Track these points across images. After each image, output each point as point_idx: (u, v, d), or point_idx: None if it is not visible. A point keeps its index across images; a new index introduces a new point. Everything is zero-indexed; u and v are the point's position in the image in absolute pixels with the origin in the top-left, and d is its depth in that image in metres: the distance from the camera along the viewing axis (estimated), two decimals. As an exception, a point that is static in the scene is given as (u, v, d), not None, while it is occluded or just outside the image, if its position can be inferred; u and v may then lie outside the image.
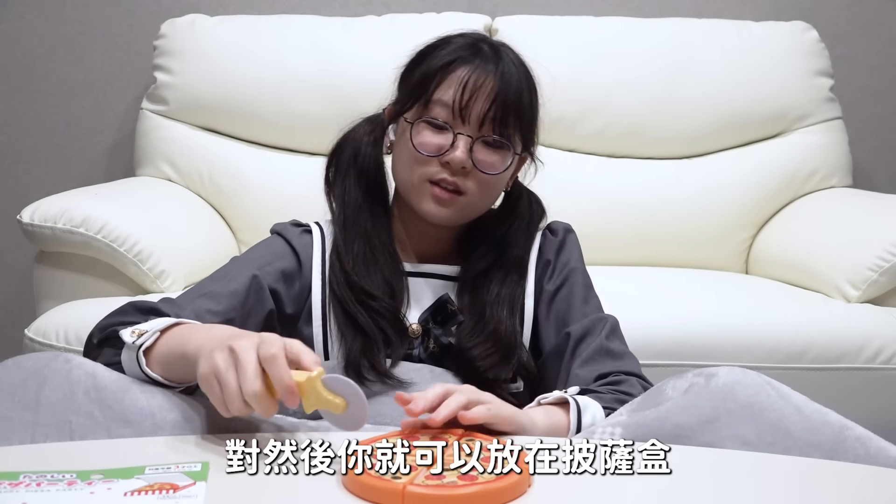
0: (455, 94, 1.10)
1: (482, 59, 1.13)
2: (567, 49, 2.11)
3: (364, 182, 1.21)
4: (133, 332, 0.92)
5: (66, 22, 2.28)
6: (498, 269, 1.19)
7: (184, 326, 0.93)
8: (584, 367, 1.10)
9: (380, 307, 1.13)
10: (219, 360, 0.80)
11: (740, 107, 2.09)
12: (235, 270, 1.14)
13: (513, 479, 0.74)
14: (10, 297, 2.36)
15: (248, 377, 0.79)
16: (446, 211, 1.14)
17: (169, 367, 0.90)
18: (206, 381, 0.81)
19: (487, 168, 1.12)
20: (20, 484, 0.72)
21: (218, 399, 0.81)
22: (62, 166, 2.33)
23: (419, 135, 1.12)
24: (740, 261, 2.07)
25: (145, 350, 0.90)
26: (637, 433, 0.88)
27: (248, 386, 0.78)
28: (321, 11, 2.23)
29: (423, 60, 1.16)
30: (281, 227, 1.22)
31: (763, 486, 0.78)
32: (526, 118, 1.15)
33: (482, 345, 1.13)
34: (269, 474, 0.77)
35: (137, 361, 0.90)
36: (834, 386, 1.54)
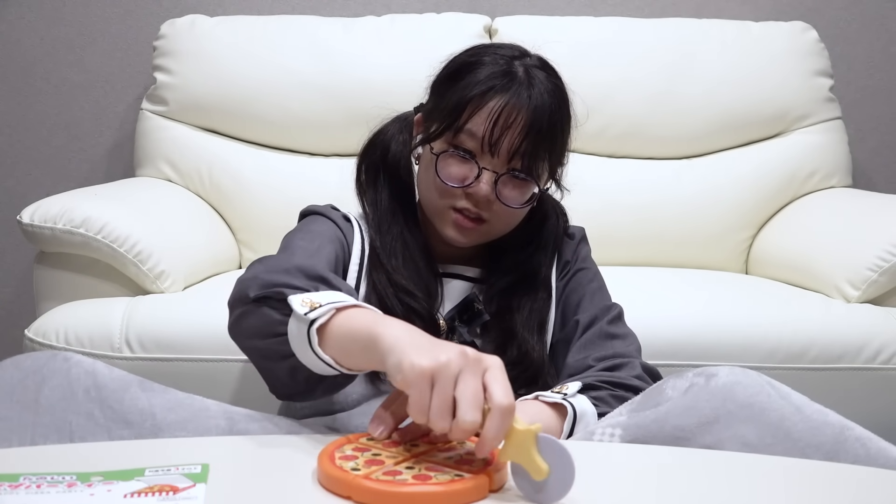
0: (486, 128, 1.08)
1: (516, 85, 1.09)
2: (567, 49, 2.09)
3: (396, 184, 1.21)
4: (304, 301, 0.84)
5: (65, 22, 2.28)
6: (526, 288, 1.18)
7: (364, 309, 0.85)
8: (584, 350, 1.12)
9: (418, 306, 1.13)
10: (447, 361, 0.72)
11: (740, 107, 2.09)
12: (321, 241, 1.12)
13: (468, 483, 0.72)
14: (10, 297, 2.36)
15: (471, 402, 0.71)
16: (467, 238, 1.15)
17: (346, 352, 0.83)
18: (420, 378, 0.72)
19: (511, 202, 1.12)
20: (20, 486, 0.72)
21: (422, 404, 0.72)
22: (62, 166, 2.33)
23: (445, 165, 1.11)
24: (740, 261, 2.07)
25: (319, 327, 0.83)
26: (636, 435, 0.88)
27: (467, 414, 0.70)
28: (321, 11, 2.23)
29: (457, 81, 1.12)
30: (324, 210, 1.21)
31: (762, 487, 0.78)
32: (556, 148, 1.15)
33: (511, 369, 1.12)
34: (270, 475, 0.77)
35: (308, 337, 0.83)
36: (834, 386, 1.54)
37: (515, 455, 0.72)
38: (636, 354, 1.14)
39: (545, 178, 1.16)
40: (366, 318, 0.82)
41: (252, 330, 0.91)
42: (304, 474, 0.78)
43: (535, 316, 1.17)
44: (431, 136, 1.13)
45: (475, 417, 0.70)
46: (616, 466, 0.83)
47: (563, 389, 1.00)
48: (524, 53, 1.16)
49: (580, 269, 1.24)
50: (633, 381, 1.06)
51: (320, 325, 0.83)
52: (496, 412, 0.71)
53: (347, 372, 0.85)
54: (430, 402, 0.72)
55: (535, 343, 1.15)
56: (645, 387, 1.06)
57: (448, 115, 1.11)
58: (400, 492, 0.71)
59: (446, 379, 0.71)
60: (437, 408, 0.71)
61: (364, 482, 0.71)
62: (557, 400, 0.97)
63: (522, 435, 0.71)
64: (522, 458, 0.72)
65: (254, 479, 0.77)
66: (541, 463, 0.71)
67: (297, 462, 0.80)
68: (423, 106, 1.21)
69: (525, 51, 1.17)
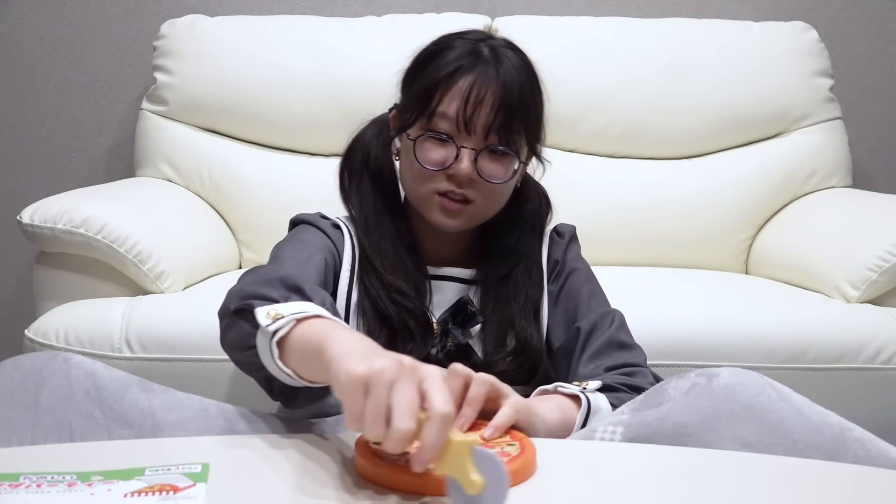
0: (458, 107, 1.10)
1: (483, 64, 1.11)
2: (567, 49, 2.11)
3: (379, 185, 1.22)
4: (269, 313, 0.84)
5: (65, 23, 2.28)
6: (518, 275, 1.19)
7: (324, 320, 0.83)
8: (595, 360, 1.12)
9: (412, 305, 1.14)
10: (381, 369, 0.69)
11: (740, 107, 2.09)
12: (309, 250, 1.13)
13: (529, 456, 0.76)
14: (10, 297, 2.36)
15: (405, 410, 0.67)
16: (455, 221, 1.15)
17: (303, 363, 0.82)
18: (354, 385, 0.69)
19: (493, 178, 1.13)
20: (20, 485, 0.72)
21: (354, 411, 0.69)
22: (62, 167, 2.33)
23: (423, 150, 1.12)
24: (740, 261, 2.07)
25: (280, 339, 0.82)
26: (638, 432, 0.88)
27: (401, 422, 0.67)
28: (321, 11, 2.23)
29: (424, 68, 1.15)
30: (312, 219, 1.22)
31: (762, 487, 0.78)
32: (531, 121, 1.15)
33: (512, 359, 1.14)
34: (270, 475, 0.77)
35: (271, 351, 0.83)
36: (834, 386, 1.54)
37: (450, 468, 0.69)
38: (646, 365, 1.15)
39: (525, 153, 1.17)
40: (321, 328, 0.81)
41: (233, 342, 0.93)
42: (304, 473, 0.78)
43: (529, 303, 1.18)
44: (406, 125, 1.14)
45: (409, 425, 0.67)
46: (616, 466, 0.84)
47: (583, 384, 1.01)
48: (490, 36, 1.18)
49: (573, 270, 1.24)
50: (647, 386, 1.07)
51: (281, 337, 0.82)
52: (435, 420, 0.68)
53: (309, 384, 0.84)
54: (363, 409, 0.69)
55: (533, 330, 1.16)
56: None
57: (420, 101, 1.12)
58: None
59: (380, 386, 0.68)
60: (370, 415, 0.68)
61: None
62: (576, 392, 0.98)
63: (458, 447, 0.69)
64: (457, 471, 0.69)
65: (254, 479, 0.77)
66: (475, 476, 0.68)
67: (297, 461, 0.80)
68: (397, 104, 1.22)
69: (490, 34, 1.19)
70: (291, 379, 0.83)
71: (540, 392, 1.02)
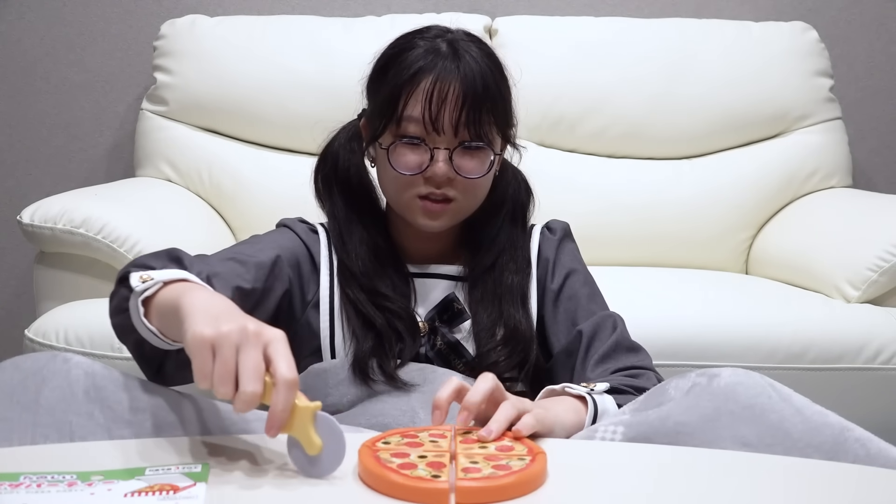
0: (423, 108, 1.09)
1: (442, 60, 1.11)
2: (567, 49, 2.11)
3: (351, 193, 1.22)
4: (141, 277, 0.89)
5: (65, 22, 2.28)
6: (503, 263, 1.20)
7: (190, 283, 0.88)
8: (604, 363, 1.12)
9: (395, 307, 1.14)
10: (228, 332, 0.75)
11: (740, 107, 2.09)
12: (260, 245, 1.15)
13: (540, 467, 0.76)
14: (10, 297, 2.36)
15: (251, 374, 0.73)
16: (440, 221, 1.15)
17: (165, 322, 0.86)
18: (201, 346, 0.74)
19: (471, 173, 1.13)
20: (20, 485, 0.72)
21: (203, 371, 0.74)
22: (62, 166, 2.33)
23: (397, 156, 1.12)
24: (740, 261, 2.07)
25: (146, 299, 0.87)
26: (639, 431, 0.88)
27: (248, 385, 0.73)
28: (321, 12, 2.23)
29: (386, 73, 1.15)
30: (290, 222, 1.23)
31: (762, 486, 0.78)
32: (499, 110, 1.14)
33: (502, 348, 1.14)
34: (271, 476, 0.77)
35: (138, 309, 0.87)
36: (834, 386, 1.54)
37: (293, 429, 0.76)
38: (652, 367, 1.15)
39: (499, 143, 1.16)
40: (182, 289, 0.86)
41: (112, 308, 0.98)
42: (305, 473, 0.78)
43: (516, 291, 1.18)
44: (377, 134, 1.15)
45: (256, 388, 0.73)
46: (617, 465, 0.84)
47: (591, 386, 1.01)
48: (447, 30, 1.18)
49: (572, 271, 1.23)
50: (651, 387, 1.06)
51: (146, 298, 0.87)
52: (281, 386, 0.74)
53: (172, 343, 0.88)
54: (212, 369, 0.74)
55: (522, 317, 1.16)
56: None
57: (386, 108, 1.12)
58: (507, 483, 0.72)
59: (226, 349, 0.74)
60: (219, 375, 0.74)
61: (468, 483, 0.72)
62: (582, 393, 0.98)
63: (303, 411, 0.75)
64: (300, 433, 0.76)
65: (254, 479, 0.77)
66: (315, 439, 0.75)
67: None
68: (365, 111, 1.22)
69: (447, 28, 1.19)
70: (157, 339, 0.88)
71: (548, 392, 1.02)
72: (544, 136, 2.09)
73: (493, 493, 0.72)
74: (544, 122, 2.07)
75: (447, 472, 0.74)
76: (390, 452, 0.78)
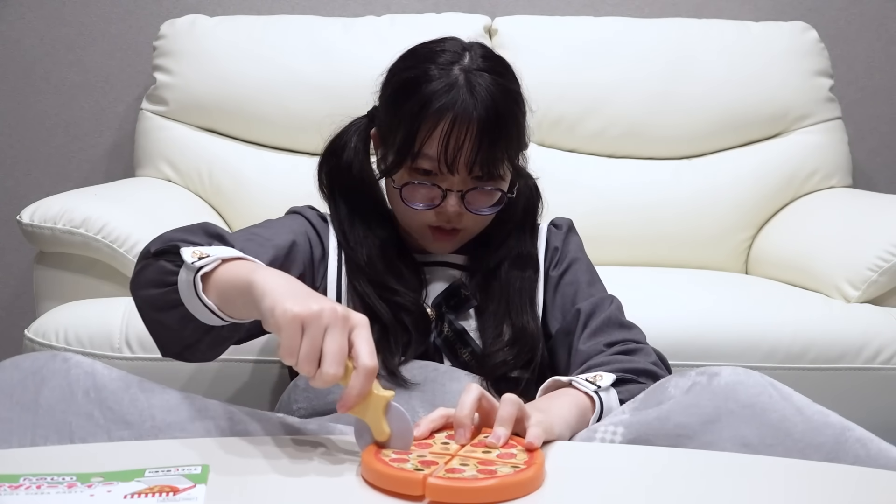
0: (439, 150, 1.10)
1: (460, 95, 1.09)
2: (567, 49, 2.11)
3: (356, 192, 1.23)
4: (194, 252, 0.90)
5: (65, 22, 2.28)
6: (509, 267, 1.21)
7: (249, 262, 0.90)
8: (595, 337, 1.13)
9: (404, 301, 1.15)
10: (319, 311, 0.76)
11: (740, 107, 2.09)
12: (276, 229, 1.16)
13: (530, 474, 0.75)
14: (10, 297, 2.36)
15: (335, 357, 0.76)
16: (449, 244, 1.19)
17: (227, 298, 0.88)
18: (292, 322, 0.76)
19: (481, 209, 1.16)
20: (20, 486, 0.72)
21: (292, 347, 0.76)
22: (62, 166, 2.32)
23: (410, 195, 1.14)
24: (740, 261, 2.07)
25: (203, 275, 0.88)
26: (639, 432, 0.88)
27: (330, 367, 0.75)
28: (321, 11, 2.23)
29: (401, 103, 1.13)
30: (302, 209, 1.25)
31: (762, 488, 0.78)
32: (514, 142, 1.15)
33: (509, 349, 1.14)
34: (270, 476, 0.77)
35: (194, 285, 0.88)
36: (834, 386, 1.54)
37: (365, 414, 0.79)
38: (646, 342, 1.16)
39: (510, 176, 1.17)
40: (246, 267, 0.87)
41: (147, 281, 0.96)
42: (305, 473, 0.78)
43: (525, 293, 1.20)
44: (390, 169, 1.15)
45: (337, 371, 0.76)
46: (616, 467, 0.84)
47: (597, 381, 1.01)
48: (464, 49, 1.16)
49: (575, 260, 1.25)
50: (650, 366, 1.08)
51: (205, 273, 0.88)
52: (360, 372, 0.77)
53: (229, 319, 0.89)
54: (299, 346, 0.76)
55: (529, 318, 1.18)
56: (660, 373, 1.08)
57: (402, 144, 1.12)
58: (475, 486, 0.72)
59: (316, 328, 0.76)
60: (305, 354, 0.76)
61: (437, 481, 0.72)
62: (589, 392, 0.98)
63: (377, 399, 0.79)
64: (371, 420, 0.79)
65: (254, 480, 0.77)
66: (385, 427, 0.79)
67: (297, 462, 0.80)
68: (376, 112, 1.22)
69: (464, 45, 1.17)
70: (211, 316, 0.88)
71: (553, 383, 1.02)
72: (544, 136, 2.09)
73: (463, 494, 0.72)
74: (544, 122, 2.07)
75: (434, 469, 0.75)
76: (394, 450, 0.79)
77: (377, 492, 0.74)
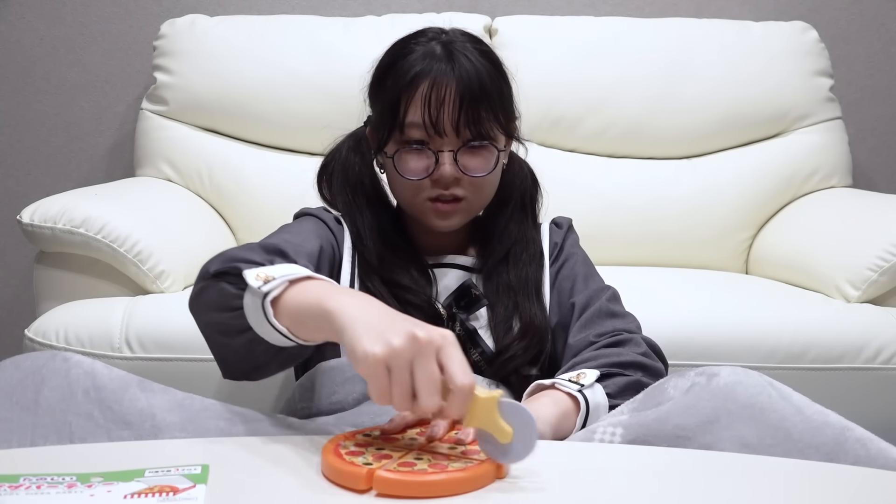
0: (423, 113, 1.11)
1: (437, 63, 1.12)
2: (567, 49, 2.11)
3: (363, 196, 1.23)
4: (258, 275, 0.86)
5: (65, 23, 2.28)
6: (516, 255, 1.22)
7: (317, 281, 0.87)
8: (585, 329, 1.14)
9: (416, 300, 1.15)
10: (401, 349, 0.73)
11: (740, 107, 2.09)
12: (303, 235, 1.14)
13: (480, 470, 0.75)
14: (10, 297, 2.36)
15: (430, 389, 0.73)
16: (452, 221, 1.18)
17: (299, 322, 0.84)
18: (376, 367, 0.73)
19: (476, 171, 1.15)
20: (20, 486, 0.72)
21: (382, 392, 0.74)
22: (62, 166, 2.33)
23: (403, 163, 1.15)
24: (740, 261, 2.07)
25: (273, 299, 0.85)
26: (638, 433, 0.88)
27: (427, 401, 0.73)
28: (321, 11, 2.23)
29: (385, 81, 1.16)
30: (317, 212, 1.24)
31: (762, 488, 0.78)
32: (499, 106, 1.16)
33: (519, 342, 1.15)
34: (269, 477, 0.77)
35: (263, 309, 0.85)
36: (834, 386, 1.54)
37: (480, 422, 0.76)
38: (638, 331, 1.16)
39: (502, 139, 1.18)
40: (318, 289, 0.84)
41: (210, 304, 0.94)
42: (305, 474, 0.78)
43: (531, 283, 1.20)
44: (382, 143, 1.17)
45: (435, 403, 0.73)
46: (616, 467, 0.83)
47: (581, 379, 1.01)
48: (442, 32, 1.19)
49: (571, 255, 1.26)
50: (638, 357, 1.08)
51: (274, 298, 0.85)
52: (458, 394, 0.73)
53: (303, 342, 0.87)
54: (389, 388, 0.73)
55: (537, 310, 1.18)
56: (650, 363, 1.08)
57: (387, 116, 1.15)
58: (422, 480, 0.73)
59: (401, 367, 0.73)
60: (399, 396, 0.73)
61: (385, 474, 0.73)
62: (572, 392, 0.99)
63: (485, 403, 0.75)
64: (487, 425, 0.75)
65: (254, 480, 0.77)
66: (505, 427, 0.75)
67: (297, 462, 0.80)
68: (370, 118, 1.24)
69: (443, 29, 1.20)
70: (283, 339, 0.86)
71: (536, 387, 1.02)
72: (544, 136, 2.09)
73: (409, 488, 0.72)
74: (544, 122, 2.07)
75: (386, 463, 0.75)
76: (356, 443, 0.80)
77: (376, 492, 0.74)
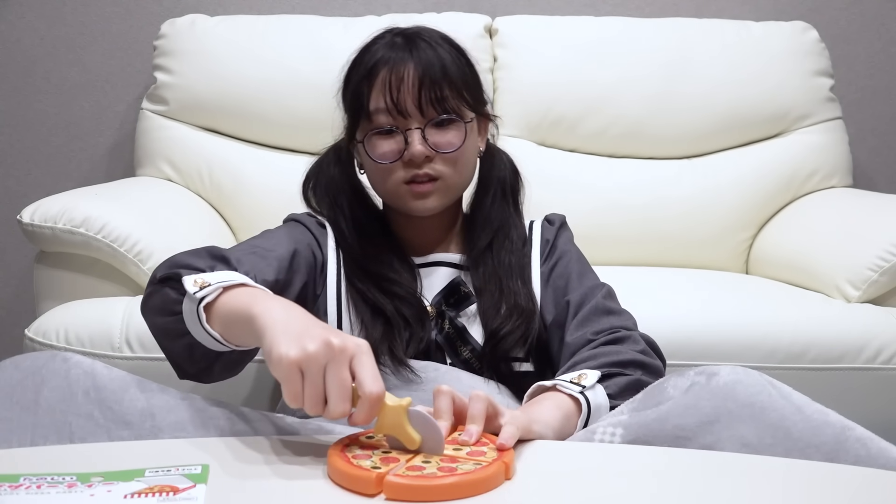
0: (385, 96, 1.14)
1: (396, 51, 1.16)
2: (567, 49, 2.11)
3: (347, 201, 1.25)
4: (196, 281, 0.90)
5: (65, 22, 2.28)
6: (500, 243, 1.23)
7: (250, 288, 0.90)
8: (582, 327, 1.14)
9: (403, 292, 1.16)
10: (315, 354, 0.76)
11: (740, 107, 2.09)
12: (276, 240, 1.17)
13: (490, 472, 0.75)
14: (10, 297, 2.36)
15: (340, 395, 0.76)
16: (431, 201, 1.18)
17: (230, 327, 0.88)
18: (290, 370, 0.76)
19: (448, 147, 1.17)
20: (20, 486, 0.72)
21: (295, 393, 0.76)
22: (62, 166, 2.32)
23: (374, 148, 1.17)
24: (740, 261, 2.07)
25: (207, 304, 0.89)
26: (638, 434, 0.88)
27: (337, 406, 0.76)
28: (321, 11, 2.23)
29: (350, 77, 1.21)
30: (300, 217, 1.26)
31: (762, 488, 0.78)
32: (461, 83, 1.18)
33: (508, 323, 1.15)
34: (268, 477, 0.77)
35: (198, 315, 0.89)
36: (834, 386, 1.54)
37: (389, 429, 0.79)
38: (635, 328, 1.16)
39: (469, 114, 1.20)
40: (247, 296, 0.88)
41: (155, 308, 0.98)
42: (304, 474, 0.78)
43: (515, 268, 1.21)
44: (353, 134, 1.20)
45: (344, 409, 0.76)
46: (616, 467, 0.83)
47: (582, 380, 1.00)
48: (405, 28, 1.23)
49: (564, 252, 1.26)
50: (637, 356, 1.08)
51: (208, 303, 0.89)
52: (365, 401, 0.76)
53: (235, 347, 0.90)
54: (302, 391, 0.76)
55: (521, 290, 1.19)
56: (648, 361, 1.08)
57: (353, 106, 1.19)
58: (433, 485, 0.72)
59: (315, 369, 0.76)
60: (310, 398, 0.76)
61: (395, 479, 0.73)
62: (574, 394, 0.98)
63: (394, 411, 0.78)
64: (396, 432, 0.79)
65: (254, 480, 0.77)
66: (413, 434, 0.78)
67: (298, 462, 0.80)
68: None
69: (406, 27, 1.24)
70: (217, 343, 0.89)
71: (538, 388, 1.02)
72: (544, 136, 2.09)
73: (420, 492, 0.72)
74: (544, 122, 2.07)
75: (394, 467, 0.75)
76: (361, 446, 0.80)
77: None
